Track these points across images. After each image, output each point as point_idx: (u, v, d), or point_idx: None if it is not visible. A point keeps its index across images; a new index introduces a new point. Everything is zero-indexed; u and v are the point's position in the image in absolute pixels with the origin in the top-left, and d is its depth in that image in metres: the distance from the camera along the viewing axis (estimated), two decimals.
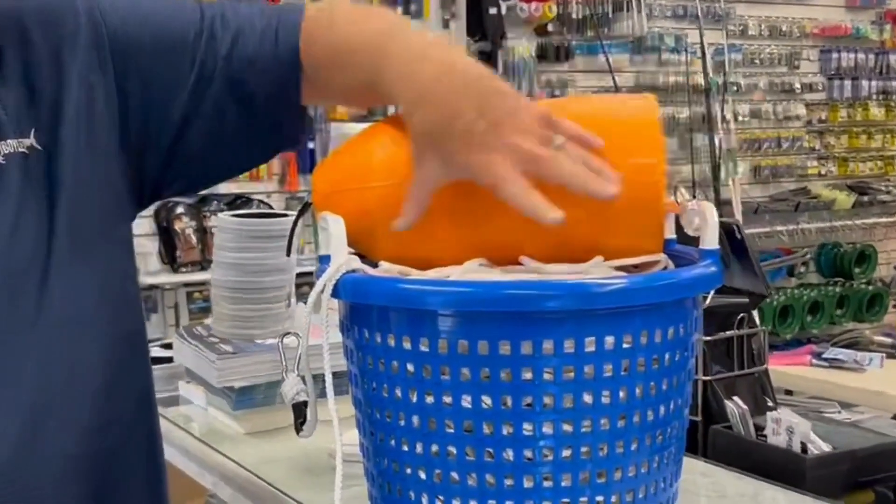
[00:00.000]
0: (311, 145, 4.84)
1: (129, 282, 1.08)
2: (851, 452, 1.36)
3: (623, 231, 1.04)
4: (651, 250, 1.05)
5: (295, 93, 1.07)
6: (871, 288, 6.13)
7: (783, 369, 3.15)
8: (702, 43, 2.23)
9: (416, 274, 1.02)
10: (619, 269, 1.04)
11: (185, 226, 4.57)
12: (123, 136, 1.03)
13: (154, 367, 1.77)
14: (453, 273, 1.00)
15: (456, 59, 0.98)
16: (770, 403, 1.57)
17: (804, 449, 1.34)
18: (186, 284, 4.60)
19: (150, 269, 4.46)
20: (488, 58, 5.19)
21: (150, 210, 4.55)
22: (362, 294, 0.98)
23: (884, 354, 3.25)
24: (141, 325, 1.11)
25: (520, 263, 1.04)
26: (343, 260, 0.99)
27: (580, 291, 0.94)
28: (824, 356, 3.25)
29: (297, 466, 1.40)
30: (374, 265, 1.07)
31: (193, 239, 4.56)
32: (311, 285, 1.03)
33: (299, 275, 1.75)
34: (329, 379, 1.01)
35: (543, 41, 5.47)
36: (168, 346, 1.89)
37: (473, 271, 1.02)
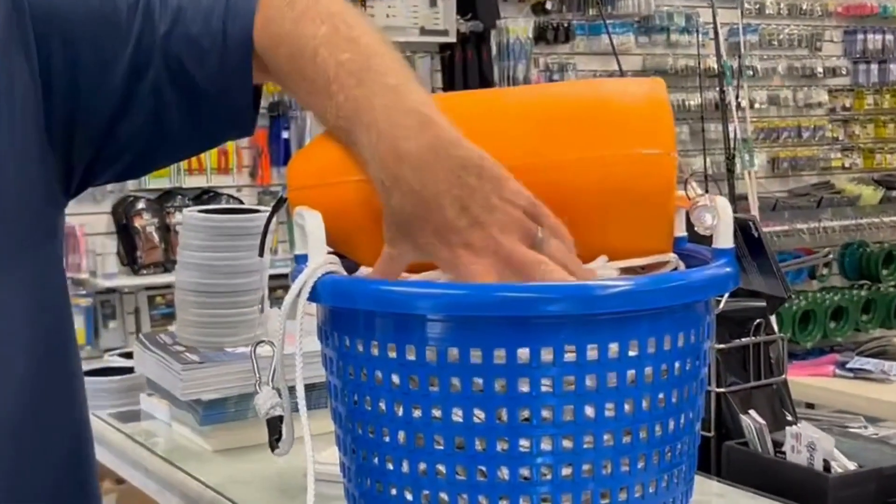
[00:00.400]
0: (285, 135, 4.86)
1: (55, 276, 1.08)
2: (878, 471, 1.36)
3: (629, 229, 1.06)
4: (659, 249, 1.07)
5: (244, 79, 1.05)
6: None
7: (804, 381, 3.17)
8: (714, 23, 2.24)
9: (402, 276, 1.03)
10: (624, 270, 1.05)
11: (146, 223, 4.57)
12: (49, 122, 1.03)
13: (113, 378, 1.79)
14: (444, 275, 1.01)
15: (441, 132, 0.96)
16: (789, 418, 1.57)
17: (827, 467, 1.34)
18: (148, 288, 4.60)
19: (107, 270, 4.47)
20: (480, 38, 5.21)
21: (108, 206, 4.55)
22: (343, 297, 0.98)
23: None
24: (68, 336, 1.10)
25: None
26: (322, 260, 0.99)
27: (582, 294, 0.94)
28: (849, 366, 3.27)
29: (271, 487, 1.41)
30: (356, 267, 1.08)
31: (156, 238, 4.57)
32: (286, 288, 1.03)
33: (273, 277, 1.75)
34: (301, 391, 1.01)
35: (541, 20, 5.50)
36: (128, 356, 1.89)
37: None
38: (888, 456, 1.42)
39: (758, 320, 1.59)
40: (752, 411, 1.46)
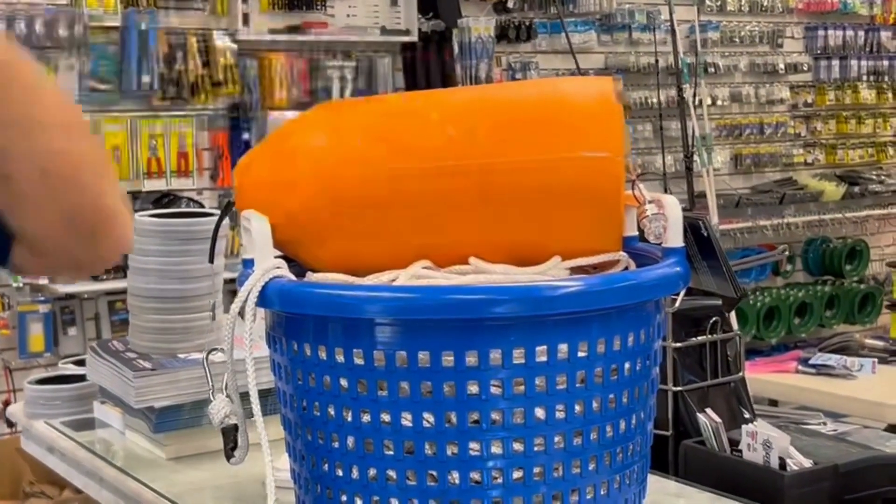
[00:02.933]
0: (245, 136, 4.83)
1: None
2: (834, 468, 1.37)
3: (578, 229, 1.06)
4: (610, 249, 1.07)
5: None
6: (863, 287, 6.22)
7: (767, 377, 3.18)
8: (672, 20, 2.26)
9: (352, 280, 1.03)
10: (575, 269, 1.06)
11: None
12: None
13: (65, 385, 1.77)
14: (401, 276, 1.01)
15: None
16: (747, 415, 1.58)
17: (783, 465, 1.35)
18: (108, 293, 4.56)
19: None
20: (442, 38, 5.21)
21: None
22: (291, 302, 0.99)
23: (876, 360, 3.29)
24: None
25: (467, 264, 1.05)
26: (269, 264, 0.99)
27: (530, 296, 0.95)
28: (811, 362, 3.28)
29: (227, 496, 1.41)
30: (307, 272, 1.08)
31: None
32: (237, 293, 1.03)
33: (228, 281, 1.74)
34: (255, 397, 1.02)
35: (503, 19, 5.50)
36: (83, 363, 1.87)
37: (417, 275, 1.03)
38: (844, 453, 1.43)
39: (714, 318, 1.60)
40: (708, 410, 1.47)
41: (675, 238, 1.05)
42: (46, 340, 4.41)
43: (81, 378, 1.79)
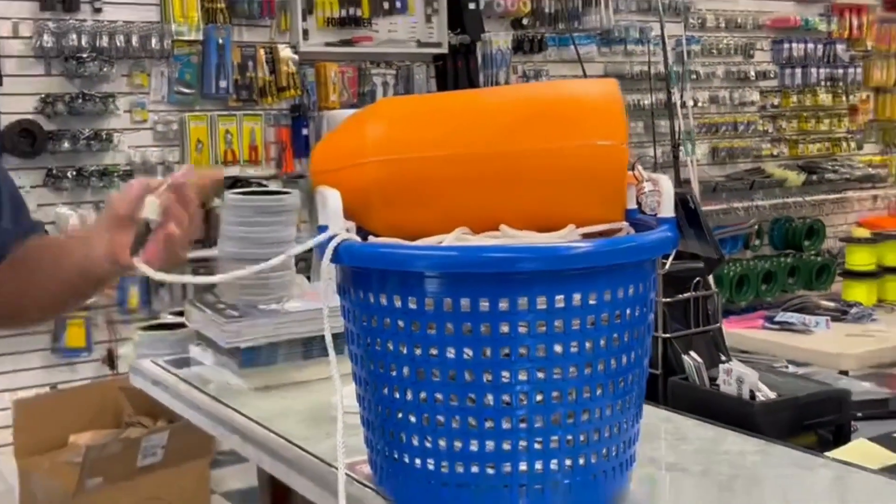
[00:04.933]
0: (304, 132, 4.85)
1: None
2: (795, 399, 1.38)
3: (590, 203, 1.08)
4: (614, 219, 1.09)
5: None
6: (819, 259, 6.19)
7: (738, 332, 3.18)
8: (662, 35, 2.27)
9: (406, 242, 1.05)
10: (586, 235, 1.07)
11: None
12: None
13: (168, 331, 1.80)
14: (445, 239, 1.03)
15: None
16: (723, 358, 1.58)
17: (752, 396, 1.36)
18: (192, 261, 4.60)
19: None
20: (468, 50, 5.21)
21: None
22: (359, 259, 1.00)
23: (829, 318, 3.30)
24: None
25: (498, 231, 1.07)
26: (341, 229, 1.01)
27: (551, 254, 0.97)
28: (776, 320, 3.29)
29: (301, 418, 1.42)
30: (368, 235, 1.10)
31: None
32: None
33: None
34: (329, 338, 1.02)
35: (519, 34, 5.48)
36: (179, 314, 1.91)
37: (459, 239, 1.05)
38: (803, 387, 1.43)
39: (697, 279, 1.61)
40: (692, 352, 1.47)
41: (667, 209, 1.06)
42: (141, 299, 4.46)
43: (179, 326, 1.83)
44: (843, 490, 1.15)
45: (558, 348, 0.97)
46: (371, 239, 1.09)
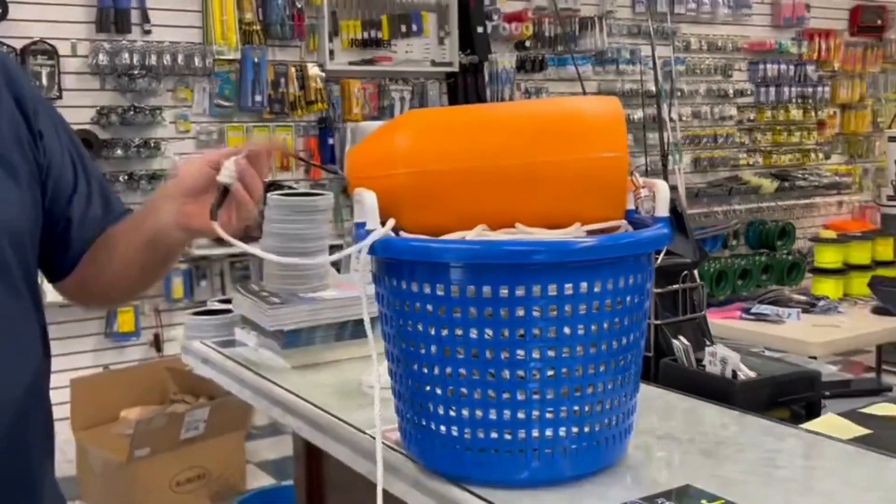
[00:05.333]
0: (330, 142, 4.88)
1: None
2: (772, 378, 1.39)
3: (594, 205, 1.09)
4: (615, 217, 1.10)
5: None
6: (790, 258, 6.20)
7: (718, 322, 3.20)
8: (653, 57, 2.28)
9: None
10: (590, 232, 1.09)
11: None
12: None
13: (215, 316, 1.82)
14: (467, 235, 1.05)
15: None
16: (707, 342, 1.59)
17: (734, 375, 1.37)
18: (230, 256, 4.64)
19: (200, 243, 4.50)
20: (476, 69, 5.23)
21: None
22: (392, 251, 1.02)
23: (800, 309, 3.32)
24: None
25: (514, 228, 1.09)
26: (378, 225, 1.03)
27: (561, 248, 0.99)
28: (752, 311, 3.30)
29: (334, 392, 1.42)
30: (399, 232, 1.11)
31: None
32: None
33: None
34: (367, 321, 1.04)
35: (522, 55, 5.51)
36: (223, 301, 1.92)
37: (480, 235, 1.07)
38: (779, 368, 1.44)
39: (685, 272, 1.62)
40: (680, 337, 1.48)
41: (662, 209, 1.08)
42: (185, 289, 4.49)
43: (224, 312, 1.84)
44: (817, 456, 1.16)
45: (567, 330, 0.99)
46: (401, 234, 1.10)
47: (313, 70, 4.75)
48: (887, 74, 7.27)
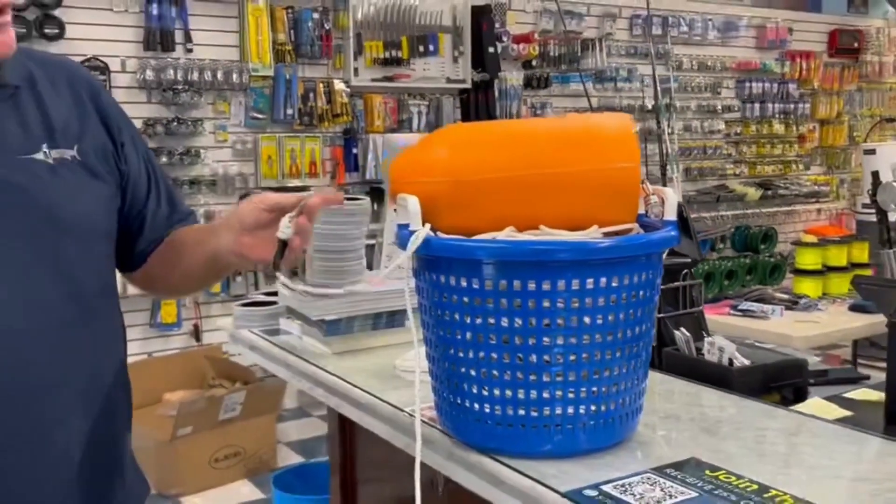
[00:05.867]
0: (354, 151, 4.91)
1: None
2: (764, 365, 1.41)
3: (610, 210, 1.11)
4: (629, 221, 1.12)
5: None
6: (772, 260, 6.20)
7: (709, 317, 3.16)
8: (654, 75, 2.31)
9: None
10: (607, 233, 1.11)
11: None
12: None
13: (260, 307, 1.84)
14: (498, 236, 1.07)
15: None
16: (705, 334, 1.62)
17: (731, 363, 1.39)
18: None
19: None
20: (487, 85, 5.26)
21: (234, 198, 4.63)
22: (433, 249, 1.05)
23: (783, 307, 3.34)
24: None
25: (538, 230, 1.12)
26: (421, 226, 1.06)
27: (582, 247, 1.02)
28: (739, 308, 3.32)
29: (371, 374, 1.45)
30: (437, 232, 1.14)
31: None
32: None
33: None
34: (410, 311, 1.07)
35: (528, 73, 5.54)
36: (267, 294, 1.95)
37: (509, 235, 1.10)
38: (770, 356, 1.46)
39: (685, 271, 1.64)
40: (681, 328, 1.50)
41: (671, 213, 1.11)
42: (222, 284, 4.52)
43: (267, 304, 1.87)
44: (806, 433, 1.18)
45: (587, 320, 1.02)
46: (438, 234, 1.13)
47: (339, 86, 4.79)
48: (863, 93, 7.27)
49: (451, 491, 1.20)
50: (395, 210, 1.12)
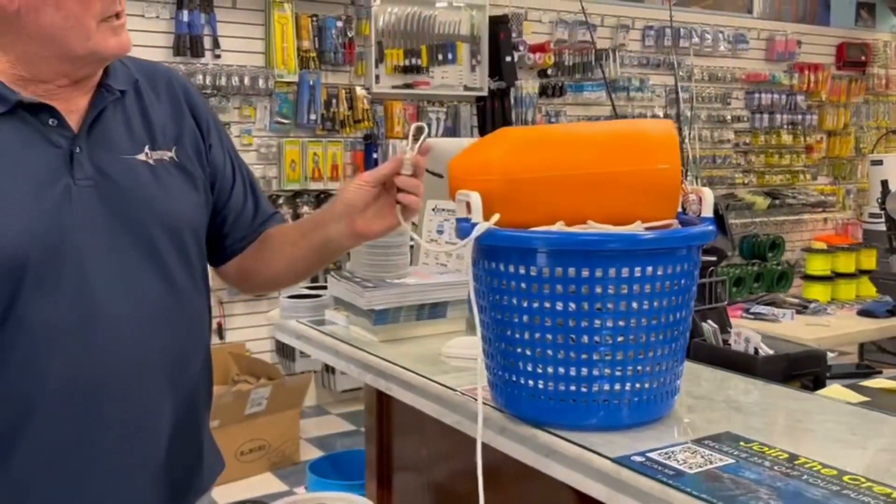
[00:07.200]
0: (374, 155, 4.99)
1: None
2: (787, 355, 1.48)
3: (653, 207, 1.19)
4: (669, 217, 1.21)
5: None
6: (780, 267, 6.26)
7: None
8: (676, 87, 2.40)
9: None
10: (649, 228, 1.19)
11: (283, 213, 4.70)
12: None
13: (307, 300, 1.92)
14: (550, 229, 1.16)
15: None
16: (728, 327, 1.69)
17: (756, 352, 1.46)
18: None
19: None
20: (503, 93, 5.35)
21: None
22: (492, 239, 1.13)
23: (794, 311, 3.42)
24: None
25: (586, 224, 1.19)
26: (484, 219, 1.14)
27: (630, 238, 1.10)
28: (751, 311, 3.41)
29: (418, 360, 1.51)
30: None
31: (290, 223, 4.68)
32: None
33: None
34: (473, 297, 1.15)
35: (544, 82, 5.61)
36: (312, 287, 2.02)
37: (559, 229, 1.18)
38: (792, 348, 1.53)
39: (711, 268, 1.72)
40: (708, 321, 1.58)
41: (708, 210, 1.19)
42: None
43: (313, 296, 1.92)
44: (830, 412, 1.26)
45: (633, 305, 1.09)
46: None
47: (361, 92, 4.87)
48: (869, 105, 7.35)
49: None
50: (453, 205, 1.20)
